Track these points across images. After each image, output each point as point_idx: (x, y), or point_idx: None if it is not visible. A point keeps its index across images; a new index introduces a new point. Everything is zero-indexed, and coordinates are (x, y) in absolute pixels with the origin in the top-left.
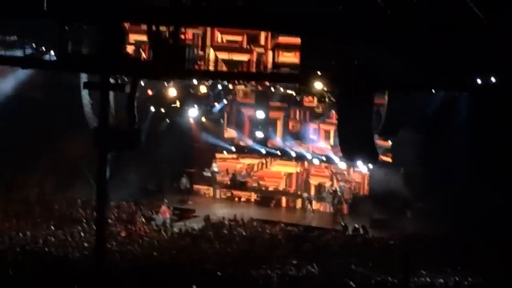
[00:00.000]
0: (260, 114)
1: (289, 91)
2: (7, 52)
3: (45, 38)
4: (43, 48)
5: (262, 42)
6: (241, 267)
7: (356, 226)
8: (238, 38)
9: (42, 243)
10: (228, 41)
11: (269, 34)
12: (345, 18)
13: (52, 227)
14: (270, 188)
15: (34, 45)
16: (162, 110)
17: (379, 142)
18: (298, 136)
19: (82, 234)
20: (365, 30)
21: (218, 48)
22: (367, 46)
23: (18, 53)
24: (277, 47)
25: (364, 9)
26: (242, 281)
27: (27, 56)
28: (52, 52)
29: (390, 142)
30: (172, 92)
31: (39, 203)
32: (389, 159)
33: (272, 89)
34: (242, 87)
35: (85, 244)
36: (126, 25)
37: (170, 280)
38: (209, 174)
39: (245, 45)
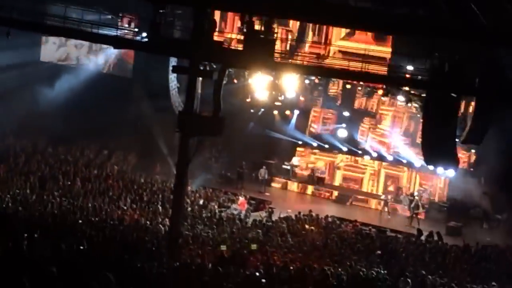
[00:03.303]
0: (345, 113)
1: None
2: (101, 31)
3: (138, 19)
4: (136, 29)
5: None
6: (312, 262)
7: (431, 232)
8: None
9: (116, 220)
10: None
11: None
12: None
13: (128, 205)
14: (347, 186)
15: (127, 25)
16: (248, 100)
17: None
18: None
19: (159, 216)
20: (461, 32)
21: None
22: (459, 51)
23: (112, 32)
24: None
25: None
26: (312, 277)
27: (120, 36)
28: (144, 34)
29: (472, 151)
30: (259, 82)
31: (117, 181)
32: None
33: (359, 88)
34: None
35: (160, 226)
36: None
37: (236, 268)
38: (288, 167)
39: None
